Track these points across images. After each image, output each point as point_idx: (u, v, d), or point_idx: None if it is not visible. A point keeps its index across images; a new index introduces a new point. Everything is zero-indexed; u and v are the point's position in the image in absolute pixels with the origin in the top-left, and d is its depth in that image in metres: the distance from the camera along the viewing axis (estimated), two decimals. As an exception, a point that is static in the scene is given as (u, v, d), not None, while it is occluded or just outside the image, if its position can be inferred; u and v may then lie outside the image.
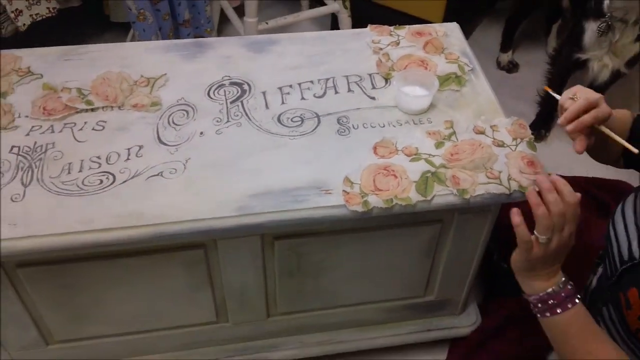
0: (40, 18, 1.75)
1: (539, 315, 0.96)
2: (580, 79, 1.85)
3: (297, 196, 0.99)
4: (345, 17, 2.02)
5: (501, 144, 1.07)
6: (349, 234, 1.08)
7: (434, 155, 1.05)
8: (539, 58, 2.17)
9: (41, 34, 1.69)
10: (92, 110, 1.11)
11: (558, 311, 0.94)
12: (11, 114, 1.09)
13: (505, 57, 2.21)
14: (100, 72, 1.18)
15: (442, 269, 1.22)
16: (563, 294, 0.94)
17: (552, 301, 0.94)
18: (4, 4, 1.64)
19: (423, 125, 1.11)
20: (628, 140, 1.03)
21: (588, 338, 0.93)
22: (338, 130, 1.10)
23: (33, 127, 1.08)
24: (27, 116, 1.09)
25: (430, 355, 1.39)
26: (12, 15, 1.68)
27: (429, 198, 0.99)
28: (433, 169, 1.03)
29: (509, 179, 1.02)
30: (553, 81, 1.85)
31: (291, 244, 1.08)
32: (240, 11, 2.07)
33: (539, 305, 0.95)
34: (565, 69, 1.78)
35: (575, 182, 1.56)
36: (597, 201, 1.49)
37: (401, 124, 1.11)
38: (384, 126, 1.11)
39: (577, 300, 0.95)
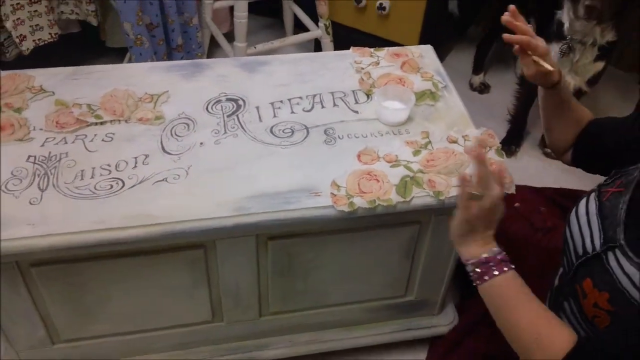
0: (43, 43, 1.85)
1: (478, 282, 1.03)
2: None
3: (289, 198, 1.10)
4: (327, 42, 2.15)
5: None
6: (336, 235, 1.19)
7: (412, 162, 1.17)
8: (508, 79, 2.32)
9: (42, 58, 1.79)
10: (101, 123, 1.21)
11: (495, 273, 1.00)
12: (27, 127, 1.19)
13: (477, 79, 2.36)
14: (108, 90, 1.28)
15: (421, 269, 1.33)
16: (499, 257, 1.01)
17: (490, 263, 1.01)
18: (9, 30, 1.74)
19: (402, 135, 1.23)
20: (578, 137, 1.22)
21: (524, 299, 1.00)
22: (325, 140, 1.22)
23: (47, 138, 1.18)
24: (41, 129, 1.20)
25: (411, 354, 1.48)
26: (17, 40, 1.78)
27: (408, 199, 1.10)
28: (411, 174, 1.14)
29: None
30: (522, 100, 1.99)
31: (283, 245, 1.18)
32: (229, 37, 2.20)
33: (477, 270, 1.02)
34: (533, 88, 1.92)
35: (544, 192, 1.70)
36: (563, 209, 1.61)
37: (382, 135, 1.23)
38: (366, 136, 1.23)
39: (512, 266, 1.02)
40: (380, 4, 2.12)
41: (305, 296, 1.31)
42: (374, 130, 1.24)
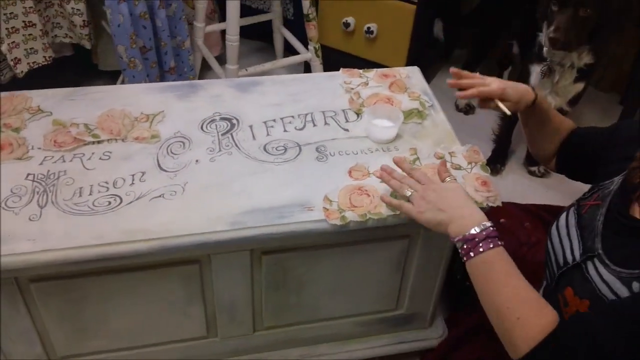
0: (37, 66, 1.89)
1: (465, 258, 1.03)
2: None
3: (283, 212, 1.13)
4: (317, 64, 2.21)
5: (458, 167, 1.23)
6: (328, 249, 1.22)
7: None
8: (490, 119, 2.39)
9: (36, 81, 1.82)
10: (99, 142, 1.25)
11: (481, 249, 1.01)
12: (25, 147, 1.22)
13: (463, 101, 2.42)
14: (104, 110, 1.32)
15: (411, 283, 1.36)
16: (485, 234, 1.01)
17: (477, 239, 1.01)
18: (4, 53, 1.77)
19: (391, 152, 1.27)
20: (561, 146, 1.28)
21: (508, 277, 1.00)
22: (317, 157, 1.25)
23: (46, 157, 1.21)
24: (39, 148, 1.22)
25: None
26: (12, 63, 1.81)
27: (398, 212, 1.14)
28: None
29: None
30: (505, 120, 2.05)
31: (277, 259, 1.21)
32: (220, 60, 2.25)
33: (465, 245, 1.02)
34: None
35: (528, 208, 1.74)
36: (547, 224, 1.66)
37: (372, 152, 1.27)
38: (357, 153, 1.27)
39: (499, 243, 1.02)
40: (368, 27, 2.19)
41: (298, 310, 1.34)
42: (364, 147, 1.28)
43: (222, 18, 2.36)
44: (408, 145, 1.29)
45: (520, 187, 2.05)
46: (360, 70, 1.50)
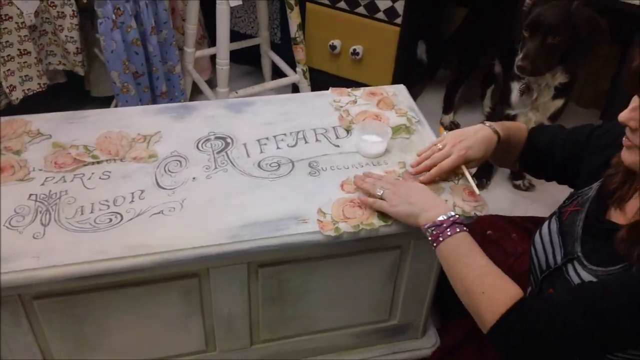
0: (32, 93, 1.93)
1: (434, 244, 1.11)
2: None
3: (278, 225, 1.17)
4: (305, 86, 2.27)
5: (445, 179, 1.28)
6: (322, 261, 1.26)
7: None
8: (476, 118, 2.46)
9: (30, 108, 1.85)
10: (98, 162, 1.29)
11: (448, 233, 1.09)
12: (26, 168, 1.26)
13: (447, 118, 2.49)
14: (102, 132, 1.36)
15: (403, 293, 1.40)
16: (452, 220, 1.11)
17: (445, 224, 1.10)
18: (0, 80, 1.82)
19: (381, 166, 1.32)
20: (523, 150, 1.35)
21: (474, 257, 1.08)
22: (310, 172, 1.30)
23: (47, 178, 1.24)
24: (40, 169, 1.26)
25: (397, 378, 1.54)
26: (7, 90, 1.85)
27: (389, 223, 1.19)
28: None
29: (454, 206, 1.23)
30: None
31: (273, 271, 1.25)
32: (210, 84, 2.31)
33: (434, 230, 1.11)
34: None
35: (514, 220, 1.80)
36: (532, 235, 1.71)
37: (362, 166, 1.32)
38: (348, 168, 1.32)
39: (464, 228, 1.11)
40: (354, 49, 2.26)
41: (294, 323, 1.37)
42: (354, 162, 1.33)
43: (212, 43, 2.42)
44: (397, 159, 1.35)
45: (505, 200, 2.11)
46: (349, 89, 1.56)
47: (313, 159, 1.34)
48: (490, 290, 1.03)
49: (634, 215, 1.08)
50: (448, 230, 1.10)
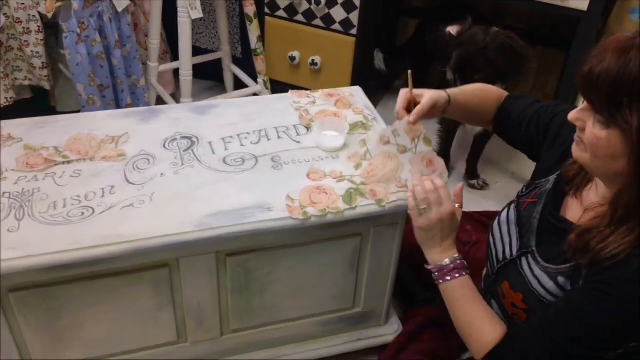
0: (-2, 107, 1.97)
1: (439, 281, 1.25)
2: (464, 132, 2.25)
3: (244, 214, 1.24)
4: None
5: (404, 150, 1.34)
6: (288, 249, 1.33)
7: (354, 176, 1.34)
8: (431, 122, 2.56)
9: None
10: (69, 162, 1.34)
11: (448, 279, 1.23)
12: (-1, 169, 1.31)
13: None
14: (72, 134, 1.42)
15: (366, 281, 1.47)
16: (452, 266, 1.23)
17: (445, 270, 1.23)
18: (-33, 94, 1.86)
19: (340, 159, 1.40)
20: (496, 116, 1.41)
21: (467, 301, 1.23)
22: (273, 166, 1.38)
23: (19, 177, 1.29)
24: (13, 170, 1.31)
25: (363, 363, 1.61)
26: (-26, 104, 1.90)
27: (353, 206, 1.27)
28: (355, 186, 1.31)
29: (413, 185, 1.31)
30: (444, 138, 2.22)
31: (241, 261, 1.32)
32: (174, 97, 2.37)
33: (437, 272, 1.24)
34: (452, 125, 2.17)
35: (470, 215, 1.89)
36: (486, 226, 1.80)
37: (322, 159, 1.40)
38: (309, 161, 1.40)
39: (464, 273, 1.23)
40: (313, 60, 2.35)
41: (262, 312, 1.43)
42: (315, 155, 1.41)
43: (174, 58, 2.49)
44: (354, 152, 1.43)
45: (466, 192, 2.21)
46: (308, 91, 1.64)
47: (276, 154, 1.42)
48: (477, 332, 1.21)
49: (585, 212, 1.15)
50: (448, 275, 1.24)
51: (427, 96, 1.29)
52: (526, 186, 1.35)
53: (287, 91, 1.65)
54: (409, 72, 1.30)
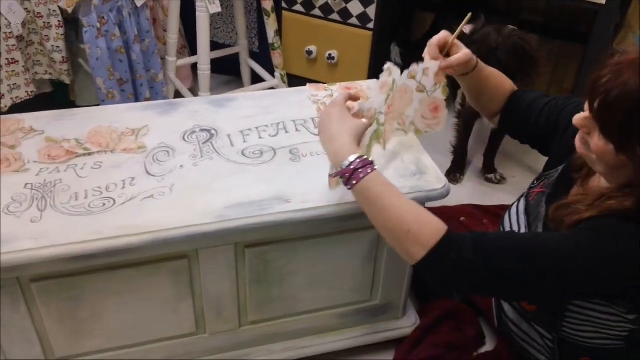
0: (20, 101, 1.99)
1: (348, 186, 1.12)
2: (481, 126, 2.24)
3: (263, 206, 1.25)
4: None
5: (421, 90, 1.30)
6: (305, 241, 1.34)
7: (381, 114, 1.28)
8: (449, 116, 2.55)
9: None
10: (89, 154, 1.36)
11: (361, 175, 1.09)
12: (21, 161, 1.33)
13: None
14: (92, 127, 1.43)
15: (383, 274, 1.48)
16: (359, 161, 1.10)
17: (353, 167, 1.10)
18: (-11, 88, 1.88)
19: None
20: (504, 108, 1.39)
21: (396, 193, 1.11)
22: (291, 159, 1.38)
23: (41, 169, 1.31)
24: (35, 161, 1.33)
25: (378, 357, 1.61)
26: (-4, 98, 1.92)
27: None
28: (376, 127, 1.28)
29: (410, 123, 1.32)
30: (461, 132, 2.21)
31: (259, 252, 1.33)
32: (191, 92, 2.38)
33: (347, 175, 1.11)
34: (470, 119, 2.16)
35: (487, 208, 1.89)
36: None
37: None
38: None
39: (375, 167, 1.11)
40: (330, 54, 2.35)
41: (280, 304, 1.44)
42: (332, 148, 1.42)
43: (192, 53, 2.50)
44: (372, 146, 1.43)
45: (479, 193, 2.20)
46: (325, 84, 1.65)
47: (294, 146, 1.42)
48: (415, 227, 1.06)
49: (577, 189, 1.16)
50: (357, 174, 1.10)
51: (466, 51, 1.27)
52: (537, 178, 1.36)
53: (304, 85, 1.66)
54: (469, 14, 1.28)
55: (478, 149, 2.36)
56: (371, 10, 2.23)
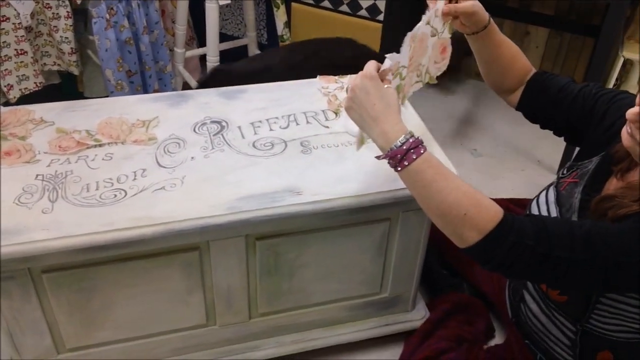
0: (28, 92, 1.99)
1: (398, 168, 1.06)
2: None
3: (274, 197, 1.25)
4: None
5: (434, 34, 1.25)
6: (316, 233, 1.33)
7: (404, 67, 1.20)
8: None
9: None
10: (100, 145, 1.35)
11: (414, 157, 1.04)
12: (32, 152, 1.32)
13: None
14: (103, 118, 1.43)
15: (393, 267, 1.47)
16: (412, 141, 1.05)
17: (406, 147, 1.04)
18: (-3, 79, 1.88)
19: (369, 143, 1.37)
20: (527, 89, 1.34)
21: (451, 175, 1.05)
22: (302, 151, 1.38)
23: (52, 160, 1.31)
24: (46, 152, 1.33)
25: (388, 350, 1.61)
26: (5, 89, 1.92)
27: None
28: (399, 81, 1.20)
29: (425, 73, 1.31)
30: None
31: (270, 244, 1.32)
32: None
33: (398, 156, 1.05)
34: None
35: (522, 203, 1.84)
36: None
37: (351, 144, 1.40)
38: (337, 146, 1.40)
39: (424, 150, 1.05)
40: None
41: (290, 296, 1.44)
42: (344, 140, 1.41)
43: (201, 44, 2.50)
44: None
45: (490, 182, 2.20)
46: (336, 77, 1.64)
47: (305, 138, 1.42)
48: (472, 211, 1.02)
49: (618, 183, 1.14)
50: (413, 153, 1.04)
51: (474, 1, 1.23)
52: (567, 167, 1.33)
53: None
54: None
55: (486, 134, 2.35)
56: (381, 3, 2.22)
